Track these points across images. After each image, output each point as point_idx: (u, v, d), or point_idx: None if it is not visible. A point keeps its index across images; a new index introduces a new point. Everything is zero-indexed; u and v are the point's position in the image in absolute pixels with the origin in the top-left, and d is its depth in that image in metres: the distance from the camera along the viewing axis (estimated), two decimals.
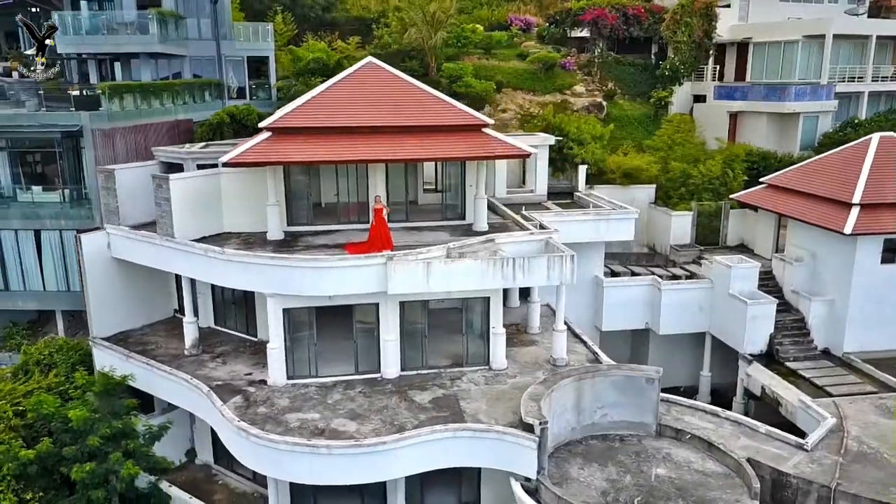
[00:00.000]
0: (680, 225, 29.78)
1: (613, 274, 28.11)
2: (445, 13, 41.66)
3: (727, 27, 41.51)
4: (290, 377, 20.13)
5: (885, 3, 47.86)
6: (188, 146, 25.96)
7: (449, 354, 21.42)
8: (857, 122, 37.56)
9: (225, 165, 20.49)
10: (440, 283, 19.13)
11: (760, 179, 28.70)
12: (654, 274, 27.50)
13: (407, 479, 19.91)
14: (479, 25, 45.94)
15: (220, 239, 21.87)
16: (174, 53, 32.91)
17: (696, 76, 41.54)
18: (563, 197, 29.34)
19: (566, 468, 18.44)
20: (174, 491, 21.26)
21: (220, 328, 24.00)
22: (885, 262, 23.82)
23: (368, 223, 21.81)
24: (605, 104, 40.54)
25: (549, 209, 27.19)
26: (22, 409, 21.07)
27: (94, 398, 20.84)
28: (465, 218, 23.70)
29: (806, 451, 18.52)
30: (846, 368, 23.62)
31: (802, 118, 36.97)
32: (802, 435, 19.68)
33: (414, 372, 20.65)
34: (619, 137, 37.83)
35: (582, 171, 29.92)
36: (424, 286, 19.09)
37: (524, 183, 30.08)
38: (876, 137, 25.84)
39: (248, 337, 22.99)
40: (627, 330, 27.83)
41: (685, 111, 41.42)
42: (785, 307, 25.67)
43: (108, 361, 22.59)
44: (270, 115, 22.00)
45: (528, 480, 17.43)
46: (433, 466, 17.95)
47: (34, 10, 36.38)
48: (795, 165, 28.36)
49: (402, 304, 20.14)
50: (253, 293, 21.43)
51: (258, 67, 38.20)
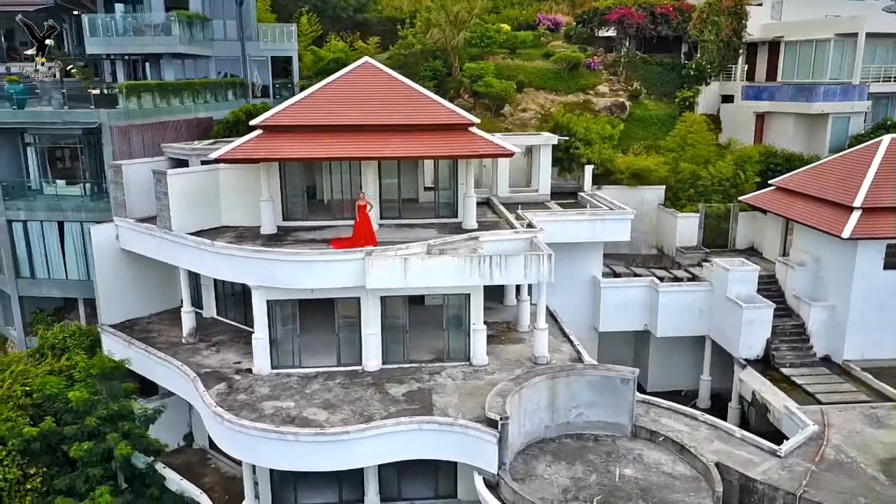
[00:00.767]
0: (686, 227, 29.37)
1: (615, 274, 27.97)
2: (469, 13, 42.00)
3: (759, 26, 40.58)
4: (274, 367, 20.84)
5: None
6: (195, 143, 26.99)
7: (431, 349, 21.79)
8: (890, 123, 36.23)
9: (216, 161, 21.30)
10: (417, 278, 19.52)
11: (769, 182, 28.10)
12: (654, 275, 27.24)
13: (383, 469, 20.45)
14: (505, 25, 46.07)
15: (217, 232, 22.75)
16: (200, 54, 34.15)
17: (725, 76, 40.75)
18: (568, 197, 29.29)
19: (533, 465, 18.62)
20: (168, 472, 22.20)
21: (221, 318, 24.96)
22: (888, 267, 23.06)
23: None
24: (627, 104, 40.15)
25: (549, 208, 27.24)
26: (29, 389, 22.36)
27: (94, 381, 22.04)
28: (458, 216, 24.00)
29: (779, 457, 18.21)
30: (843, 376, 23.01)
31: (832, 119, 35.81)
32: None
33: (395, 365, 21.10)
34: (639, 138, 37.52)
35: (588, 171, 29.81)
36: (402, 281, 19.52)
37: (531, 183, 30.14)
38: (886, 139, 25.03)
39: (244, 328, 23.77)
40: (629, 332, 27.64)
41: (713, 112, 40.76)
42: (786, 312, 25.11)
43: (113, 347, 23.81)
44: None
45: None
46: (399, 457, 18.39)
47: (76, 12, 38.23)
48: (805, 167, 27.66)
49: (383, 298, 20.60)
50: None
51: (284, 67, 39.27)
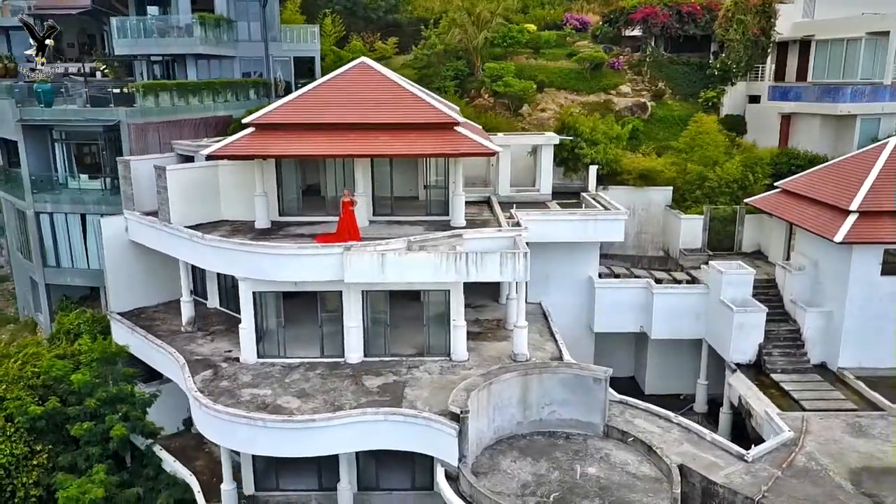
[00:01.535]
0: (690, 228, 29.01)
1: (614, 275, 27.89)
2: (492, 13, 42.28)
3: (789, 24, 39.58)
4: (260, 356, 21.64)
5: None
6: (205, 140, 28.08)
7: (414, 344, 22.23)
8: None
9: (208, 158, 22.23)
10: (395, 273, 19.99)
11: (775, 184, 27.53)
12: (653, 277, 27.05)
13: (362, 460, 21.10)
14: (531, 25, 46.11)
15: (215, 226, 23.70)
16: (224, 54, 35.43)
17: (752, 76, 39.89)
18: (572, 197, 29.28)
19: (499, 460, 18.88)
20: (164, 454, 23.22)
21: (222, 309, 25.95)
22: (886, 273, 22.40)
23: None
24: (649, 104, 39.73)
25: (547, 208, 27.34)
26: (38, 371, 23.74)
27: (97, 365, 23.29)
28: (449, 214, 24.36)
29: (746, 462, 18.00)
30: (836, 384, 22.46)
31: (860, 121, 34.67)
32: None
33: (377, 359, 21.63)
34: (660, 139, 37.12)
35: (592, 171, 29.73)
36: (380, 276, 20.03)
37: (536, 182, 30.23)
38: (892, 142, 24.28)
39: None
40: (627, 333, 27.51)
41: (739, 112, 40.01)
42: (783, 317, 24.64)
43: (120, 333, 25.07)
44: None
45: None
46: (365, 447, 18.98)
47: (112, 15, 40.07)
48: (811, 169, 27.01)
49: (364, 293, 21.16)
50: None
51: (309, 67, 40.30)
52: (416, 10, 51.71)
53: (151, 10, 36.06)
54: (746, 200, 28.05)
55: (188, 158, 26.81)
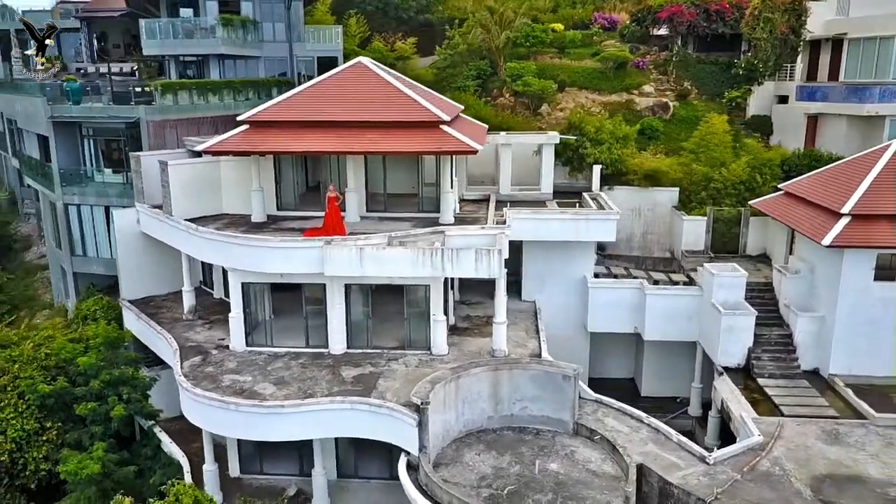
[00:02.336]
0: (692, 230, 28.63)
1: (613, 275, 27.81)
2: (516, 13, 42.47)
3: (822, 22, 38.47)
4: (249, 344, 22.53)
5: None
6: (216, 137, 29.16)
7: (397, 337, 22.75)
8: None
9: (203, 153, 23.26)
10: (373, 267, 20.59)
11: (779, 186, 26.96)
12: (650, 278, 26.89)
13: (341, 448, 21.81)
14: (558, 24, 46.05)
15: (215, 219, 24.78)
16: (248, 55, 36.69)
17: (782, 76, 38.89)
18: (574, 196, 29.30)
19: (464, 452, 19.28)
20: (163, 435, 24.42)
21: (227, 299, 26.89)
22: (880, 279, 21.77)
23: (345, 210, 23.85)
24: (671, 104, 39.22)
25: (544, 207, 27.46)
26: (50, 352, 25.24)
27: (103, 349, 24.63)
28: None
29: (707, 464, 17.88)
30: (824, 391, 21.94)
31: (889, 122, 33.50)
32: None
33: (359, 350, 22.26)
34: (681, 139, 36.63)
35: (596, 170, 29.65)
36: (359, 270, 20.66)
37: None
38: (894, 144, 23.52)
39: None
40: (624, 334, 27.35)
41: (766, 113, 39.13)
42: (778, 322, 24.18)
43: (129, 319, 26.41)
44: None
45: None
46: (332, 434, 19.71)
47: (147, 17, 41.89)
48: (815, 171, 26.33)
49: (347, 286, 21.80)
50: None
51: (332, 66, 41.17)
52: (447, 10, 52.18)
53: (185, 12, 37.64)
54: (750, 202, 27.53)
55: (199, 154, 27.95)
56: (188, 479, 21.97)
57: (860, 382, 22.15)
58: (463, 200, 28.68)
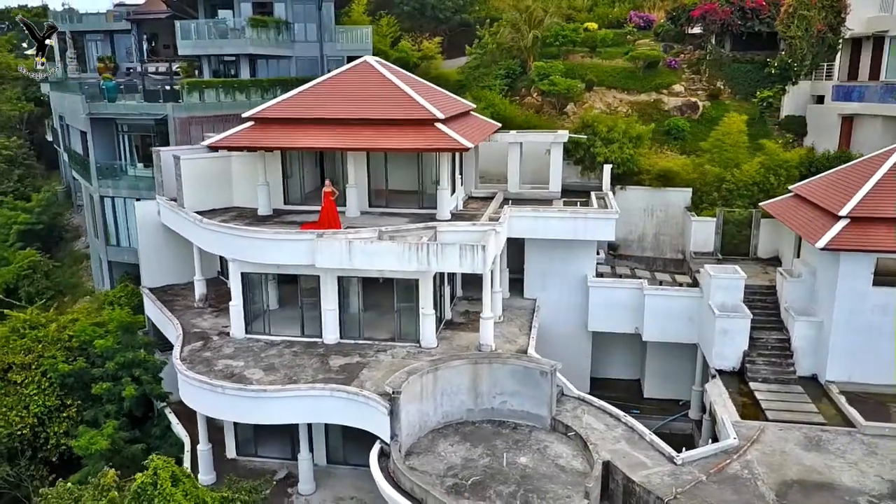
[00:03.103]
0: (701, 231, 28.19)
1: (618, 276, 27.70)
2: (546, 11, 42.46)
3: (863, 19, 37.18)
4: (248, 332, 23.48)
5: None
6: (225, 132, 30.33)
7: (389, 329, 23.29)
8: None
9: (210, 148, 24.34)
10: (361, 260, 21.18)
11: (790, 187, 26.31)
12: (655, 278, 26.68)
13: (331, 435, 22.56)
14: (592, 23, 45.77)
15: (225, 212, 25.86)
16: (279, 54, 37.94)
17: (820, 74, 37.73)
18: (583, 195, 29.23)
19: (439, 442, 19.71)
20: (172, 416, 25.66)
21: None
22: (879, 284, 21.11)
23: (345, 205, 24.63)
24: (701, 104, 38.57)
25: (551, 206, 27.53)
26: (72, 334, 26.85)
27: (119, 332, 26.08)
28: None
29: (675, 464, 17.81)
30: (816, 397, 21.40)
31: None
32: None
33: (351, 341, 22.92)
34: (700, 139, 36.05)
35: (607, 170, 29.52)
36: (348, 262, 21.29)
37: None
38: None
39: None
40: (627, 335, 27.17)
41: (801, 113, 38.04)
42: (778, 326, 23.68)
43: (149, 306, 27.82)
44: None
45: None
46: (313, 419, 20.44)
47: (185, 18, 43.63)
48: (824, 173, 25.60)
49: (340, 278, 22.49)
50: None
51: None
52: (484, 9, 52.44)
53: (223, 13, 39.30)
54: (761, 204, 26.97)
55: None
56: (188, 458, 23.12)
57: (858, 390, 21.56)
58: (472, 198, 29.05)
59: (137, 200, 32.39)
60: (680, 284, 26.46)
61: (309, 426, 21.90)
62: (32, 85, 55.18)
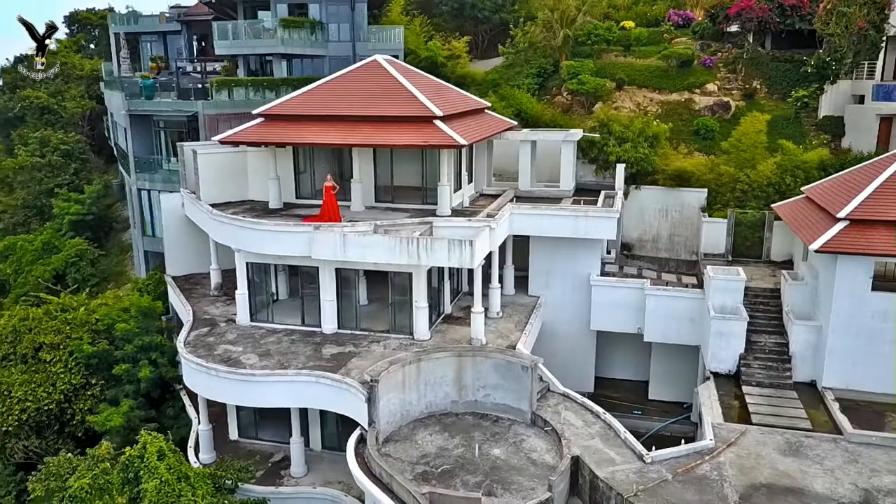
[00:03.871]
0: (712, 232, 27.71)
1: (626, 275, 27.54)
2: (579, 9, 42.32)
3: None
4: (252, 320, 24.48)
5: None
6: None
7: (387, 321, 23.88)
8: None
9: (221, 143, 25.44)
10: (355, 252, 21.88)
11: (802, 189, 25.62)
12: (660, 278, 26.45)
13: (326, 423, 23.33)
14: (629, 22, 45.29)
15: (240, 205, 26.99)
16: (312, 54, 39.08)
17: (861, 73, 36.39)
18: (595, 194, 29.15)
19: (418, 431, 20.21)
20: (185, 399, 26.91)
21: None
22: (879, 289, 20.44)
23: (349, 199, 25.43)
24: (734, 104, 37.75)
25: (557, 204, 27.60)
26: (98, 317, 28.46)
27: (140, 317, 27.56)
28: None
29: (644, 462, 17.78)
30: (811, 403, 20.87)
31: None
32: None
33: (348, 331, 23.63)
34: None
35: (620, 169, 29.35)
36: (342, 254, 22.02)
37: None
38: None
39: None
40: (632, 335, 27.00)
41: (839, 114, 36.80)
42: (778, 330, 23.17)
43: (172, 293, 29.21)
44: None
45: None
46: (299, 404, 21.21)
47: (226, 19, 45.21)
48: (834, 175, 24.82)
49: (338, 270, 23.22)
50: None
51: None
52: (524, 9, 52.43)
53: (263, 14, 40.80)
54: (774, 206, 26.36)
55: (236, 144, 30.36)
56: (192, 437, 24.29)
57: (857, 398, 20.98)
58: (483, 195, 29.37)
59: (171, 192, 34.21)
60: (686, 285, 26.10)
61: (305, 413, 22.76)
62: (95, 84, 58.09)
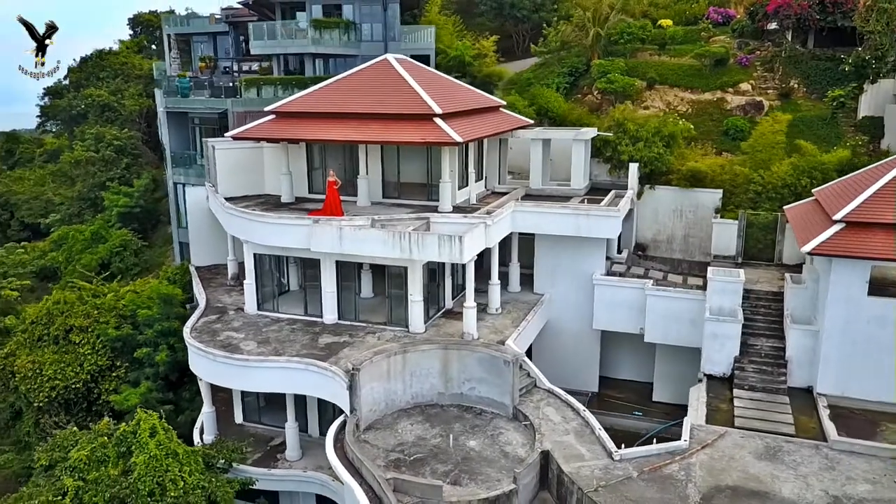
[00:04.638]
0: (723, 234, 27.19)
1: (634, 276, 27.34)
2: (612, 7, 42.00)
3: None
4: (259, 309, 25.47)
5: None
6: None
7: (386, 314, 24.46)
8: None
9: (234, 139, 26.51)
10: (351, 246, 22.56)
11: (813, 191, 24.89)
12: (666, 279, 26.18)
13: (324, 409, 24.02)
14: (667, 20, 44.64)
15: (256, 198, 28.06)
16: (345, 53, 40.08)
17: None
18: (606, 194, 29.03)
19: (401, 420, 20.76)
20: (201, 383, 28.13)
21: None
22: (875, 294, 19.81)
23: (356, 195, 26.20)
24: (768, 104, 36.85)
25: (555, 202, 27.57)
26: (125, 303, 30.05)
27: (160, 303, 28.97)
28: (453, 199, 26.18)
29: (613, 459, 17.81)
30: (802, 409, 20.36)
31: None
32: None
33: (348, 322, 24.32)
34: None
35: (633, 168, 29.11)
36: (339, 247, 22.73)
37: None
38: None
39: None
40: (637, 335, 26.82)
41: (880, 114, 35.46)
42: (778, 334, 22.66)
43: (194, 282, 30.57)
44: None
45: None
46: (290, 390, 21.95)
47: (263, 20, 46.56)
48: (842, 178, 24.03)
49: (338, 263, 23.95)
50: None
51: (425, 63, 43.46)
52: (564, 8, 52.24)
53: (301, 15, 42.03)
54: (786, 208, 25.71)
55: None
56: (200, 418, 25.45)
57: (851, 406, 20.42)
58: (495, 193, 29.65)
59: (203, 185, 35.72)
60: (692, 287, 25.74)
61: (303, 400, 23.58)
62: (152, 83, 60.94)
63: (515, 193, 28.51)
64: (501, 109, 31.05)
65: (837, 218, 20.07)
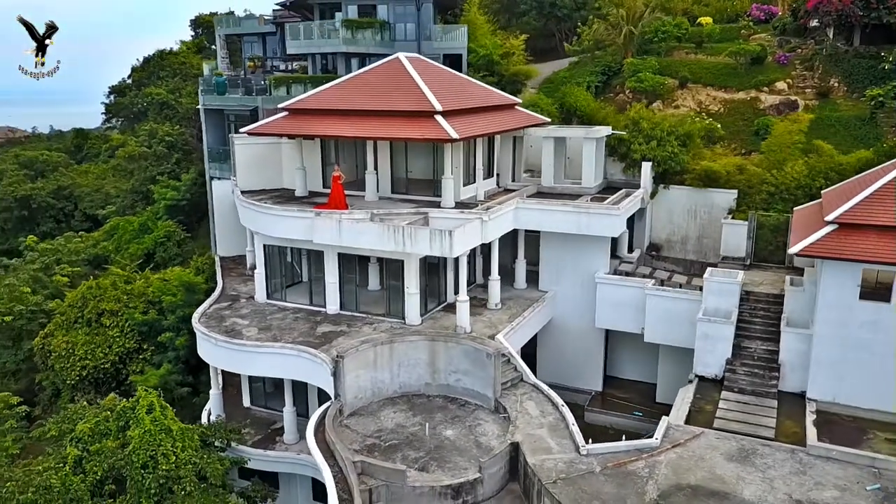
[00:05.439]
0: (732, 234, 26.63)
1: (643, 276, 27.17)
2: (647, 4, 41.54)
3: None
4: (269, 298, 26.50)
5: None
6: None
7: (385, 305, 25.12)
8: None
9: (249, 134, 27.61)
10: (349, 238, 23.30)
11: (823, 191, 24.18)
12: (670, 279, 25.92)
13: (323, 394, 24.81)
14: (706, 18, 43.82)
15: (273, 192, 29.15)
16: (378, 52, 40.91)
17: None
18: (615, 192, 28.87)
19: (385, 408, 21.40)
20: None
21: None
22: (868, 298, 19.23)
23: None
24: (803, 103, 35.80)
25: (561, 200, 27.58)
26: (153, 290, 31.68)
27: (183, 290, 30.45)
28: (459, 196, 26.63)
29: (579, 454, 17.93)
30: (789, 414, 19.93)
31: None
32: None
33: (349, 313, 25.06)
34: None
35: (646, 167, 28.86)
36: (338, 240, 23.52)
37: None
38: None
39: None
40: (640, 335, 26.65)
41: None
42: (774, 337, 22.14)
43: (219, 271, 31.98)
44: None
45: None
46: (284, 375, 22.87)
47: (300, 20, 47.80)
48: (847, 180, 23.25)
49: (340, 255, 24.72)
50: None
51: (457, 62, 43.89)
52: (605, 6, 51.80)
53: (339, 15, 43.15)
54: (795, 209, 25.07)
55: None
56: (210, 400, 26.69)
57: (842, 412, 19.92)
58: (507, 190, 29.87)
59: None
60: (696, 288, 25.40)
61: (304, 386, 24.45)
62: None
63: (525, 191, 28.67)
64: (517, 108, 31.23)
65: (829, 219, 19.58)
